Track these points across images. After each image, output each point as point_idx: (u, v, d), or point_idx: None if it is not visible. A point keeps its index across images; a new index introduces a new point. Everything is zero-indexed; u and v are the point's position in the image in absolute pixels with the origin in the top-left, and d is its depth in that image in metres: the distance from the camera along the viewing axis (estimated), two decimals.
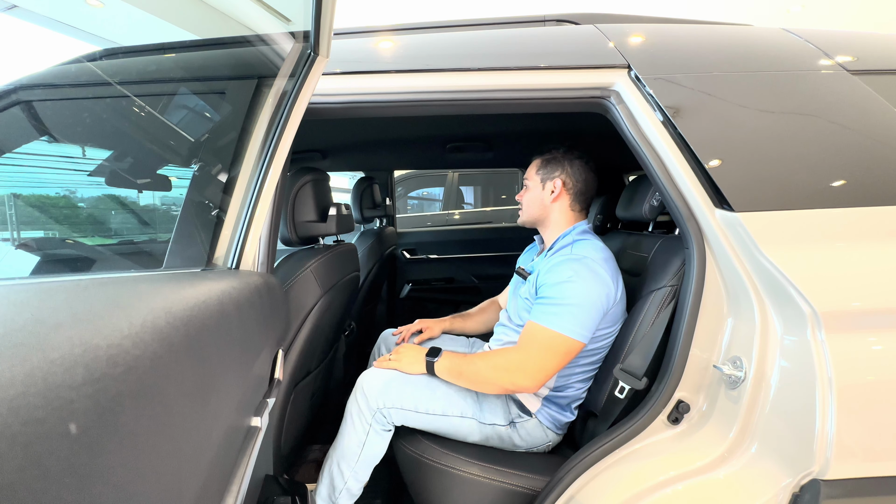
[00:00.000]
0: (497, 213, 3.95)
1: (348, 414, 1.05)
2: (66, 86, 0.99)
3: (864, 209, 0.77)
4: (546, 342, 0.97)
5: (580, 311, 0.97)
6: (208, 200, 0.85)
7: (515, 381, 0.97)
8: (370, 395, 1.03)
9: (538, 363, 0.96)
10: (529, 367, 0.96)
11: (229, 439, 0.50)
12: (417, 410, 1.03)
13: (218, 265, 0.72)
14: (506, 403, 1.09)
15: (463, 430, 1.05)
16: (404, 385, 1.05)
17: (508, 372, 0.98)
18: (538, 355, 0.97)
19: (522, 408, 1.08)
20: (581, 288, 0.98)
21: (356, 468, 1.03)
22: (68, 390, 0.25)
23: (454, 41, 1.07)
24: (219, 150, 0.96)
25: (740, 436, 0.76)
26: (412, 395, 1.03)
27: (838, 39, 1.00)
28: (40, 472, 0.22)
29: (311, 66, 0.75)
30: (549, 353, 0.97)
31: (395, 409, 1.03)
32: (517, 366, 0.97)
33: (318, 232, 1.22)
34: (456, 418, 1.04)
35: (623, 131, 0.93)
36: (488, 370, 1.00)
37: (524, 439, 1.08)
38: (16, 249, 1.19)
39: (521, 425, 1.08)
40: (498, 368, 0.99)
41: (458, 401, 1.06)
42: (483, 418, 1.06)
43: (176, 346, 0.36)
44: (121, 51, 1.00)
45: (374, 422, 1.03)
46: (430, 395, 1.04)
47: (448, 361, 1.04)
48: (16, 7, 1.05)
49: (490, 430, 1.06)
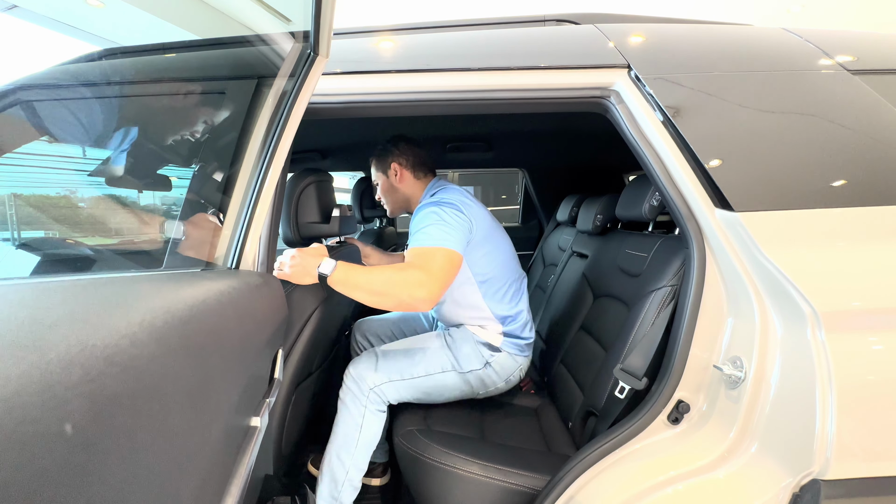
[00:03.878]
0: (497, 212, 3.94)
1: (342, 403, 1.11)
2: (66, 86, 0.99)
3: (864, 209, 0.77)
4: (428, 257, 1.04)
5: (444, 227, 1.08)
6: (208, 200, 0.85)
7: (414, 295, 0.99)
8: (359, 380, 1.11)
9: (427, 276, 1.01)
10: (420, 281, 1.00)
11: (228, 439, 0.50)
12: (403, 378, 1.12)
13: (218, 265, 0.72)
14: (476, 349, 1.21)
15: (448, 384, 1.16)
16: (387, 361, 1.15)
17: (406, 286, 0.99)
18: (426, 270, 1.02)
19: (491, 346, 1.22)
20: (439, 216, 1.11)
21: (355, 454, 1.08)
22: (64, 390, 0.24)
23: (454, 41, 1.07)
24: (219, 150, 0.96)
25: (740, 436, 0.76)
26: (396, 368, 1.13)
27: (838, 39, 1.00)
28: (36, 471, 0.22)
29: (310, 66, 0.75)
30: (432, 266, 1.02)
31: (385, 385, 1.10)
32: (410, 280, 1.00)
33: (321, 233, 1.23)
34: (438, 375, 1.15)
35: (623, 131, 0.93)
36: (384, 283, 1.00)
37: (499, 374, 1.22)
38: (16, 249, 1.19)
39: (494, 361, 1.21)
40: (394, 283, 1.00)
41: (435, 360, 1.16)
42: (461, 367, 1.17)
43: (174, 345, 0.36)
44: (121, 51, 1.00)
45: (368, 402, 1.09)
46: (411, 362, 1.15)
47: (342, 273, 1.00)
48: (16, 7, 1.05)
49: (471, 376, 1.19)
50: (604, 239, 1.57)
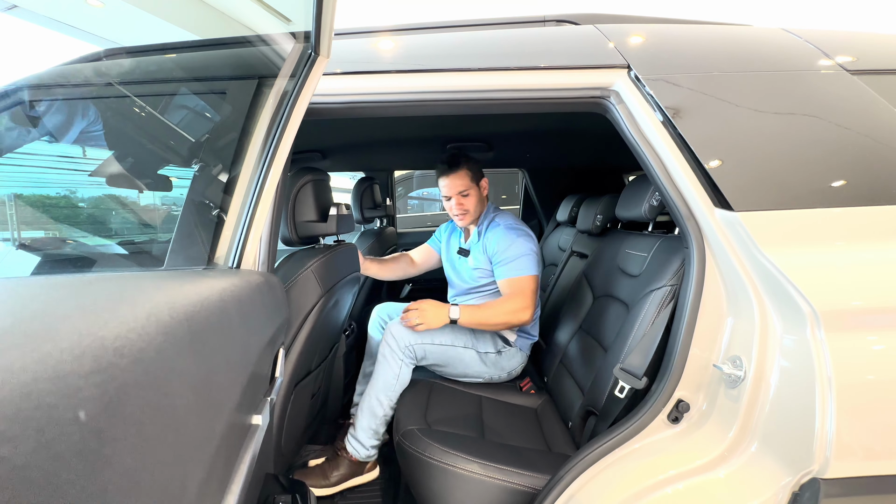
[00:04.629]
0: None
1: (381, 356, 1.34)
2: (66, 86, 0.99)
3: (863, 209, 0.77)
4: (525, 285, 1.38)
5: (532, 257, 1.41)
6: (209, 200, 0.85)
7: (520, 318, 1.35)
8: (398, 337, 1.34)
9: (528, 301, 1.36)
10: (524, 306, 1.35)
11: (231, 435, 0.51)
12: (433, 342, 1.36)
13: (219, 265, 0.72)
14: (493, 338, 1.47)
15: (466, 358, 1.40)
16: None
17: (514, 313, 1.34)
18: (526, 296, 1.37)
19: (505, 340, 1.49)
20: (522, 241, 1.42)
21: (391, 396, 1.32)
22: (77, 378, 0.25)
23: (454, 41, 1.07)
24: (219, 150, 0.96)
25: (740, 435, 0.76)
26: (429, 333, 1.36)
27: (838, 39, 1.00)
28: (52, 454, 0.23)
29: (311, 67, 0.75)
30: (529, 292, 1.37)
31: (418, 345, 1.34)
32: (517, 307, 1.35)
33: (319, 232, 1.23)
34: (461, 348, 1.40)
35: (623, 131, 0.93)
36: (498, 315, 1.35)
37: (505, 366, 1.46)
38: (17, 249, 1.20)
39: (505, 353, 1.46)
40: (506, 313, 1.35)
41: (460, 336, 1.41)
42: (479, 348, 1.42)
43: (179, 339, 0.36)
44: (121, 51, 1.00)
45: (404, 357, 1.33)
46: (441, 331, 1.38)
47: (467, 315, 1.35)
48: (16, 7, 1.05)
49: (485, 357, 1.43)
50: (604, 239, 1.58)
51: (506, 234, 1.43)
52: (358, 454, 1.33)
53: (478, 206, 1.52)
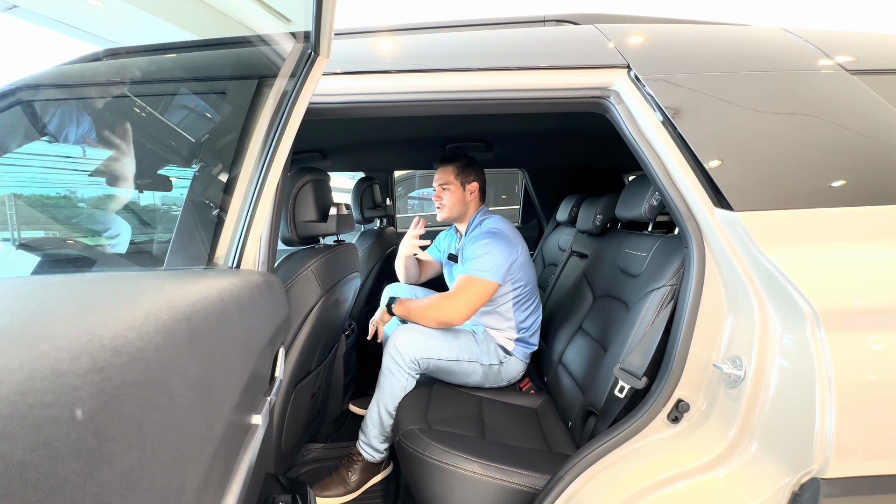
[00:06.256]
0: (497, 212, 3.93)
1: (387, 369, 1.34)
2: (66, 86, 0.99)
3: (863, 209, 0.77)
4: (472, 286, 1.35)
5: (489, 259, 1.36)
6: (209, 200, 0.85)
7: (447, 317, 1.35)
8: (404, 351, 1.33)
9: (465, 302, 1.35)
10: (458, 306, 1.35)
11: (230, 435, 0.51)
12: (440, 358, 1.35)
13: (219, 264, 0.72)
14: (495, 349, 1.47)
15: (468, 371, 1.40)
16: (428, 339, 1.35)
17: (442, 310, 1.36)
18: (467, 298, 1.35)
19: (505, 350, 1.48)
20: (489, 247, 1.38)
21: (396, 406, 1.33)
22: (74, 377, 0.25)
23: (454, 41, 1.07)
24: (219, 150, 0.96)
25: (740, 435, 0.76)
26: (434, 347, 1.35)
27: (838, 39, 1.00)
28: (49, 453, 0.23)
29: (311, 66, 0.75)
30: (472, 294, 1.35)
31: (423, 359, 1.33)
32: (449, 305, 1.35)
33: (319, 232, 1.23)
34: (465, 362, 1.39)
35: (623, 131, 0.93)
36: (425, 310, 1.38)
37: (506, 375, 1.47)
38: (17, 249, 1.20)
39: (506, 363, 1.47)
40: (434, 307, 1.37)
41: (466, 350, 1.40)
42: (483, 360, 1.42)
43: (179, 339, 0.36)
44: (122, 51, 1.00)
45: (410, 370, 1.33)
46: (447, 346, 1.37)
47: (400, 307, 1.42)
48: (16, 7, 1.05)
49: (487, 369, 1.43)
50: (603, 239, 1.58)
51: (481, 237, 1.43)
52: (373, 458, 1.36)
53: (457, 205, 1.54)
